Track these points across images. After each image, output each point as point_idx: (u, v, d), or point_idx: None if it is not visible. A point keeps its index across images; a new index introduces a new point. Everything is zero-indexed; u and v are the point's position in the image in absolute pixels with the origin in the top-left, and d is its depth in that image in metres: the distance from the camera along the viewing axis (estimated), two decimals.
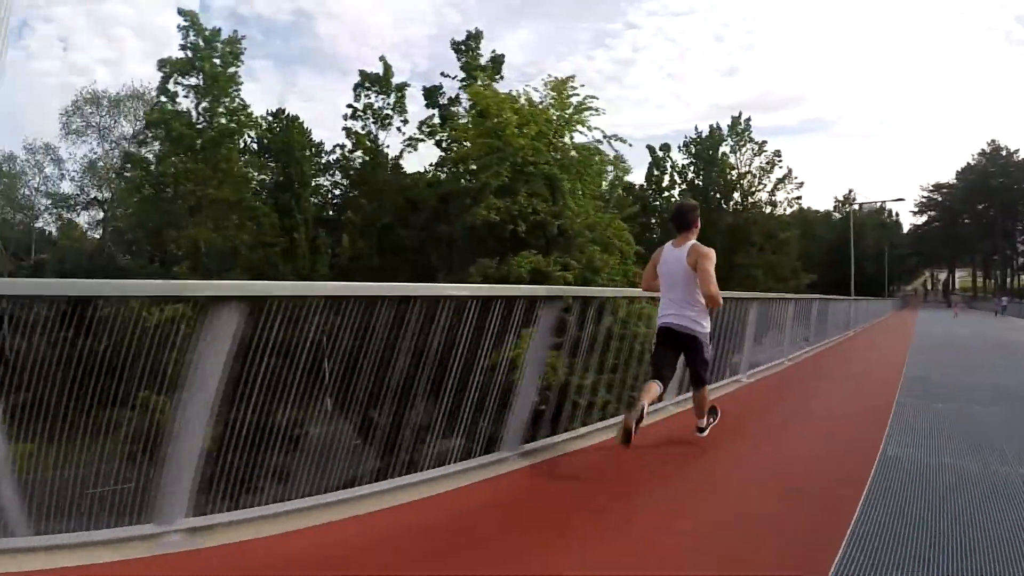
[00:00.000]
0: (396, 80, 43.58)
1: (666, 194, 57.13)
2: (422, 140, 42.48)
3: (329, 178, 45.41)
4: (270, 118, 43.57)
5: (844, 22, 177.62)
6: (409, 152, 43.22)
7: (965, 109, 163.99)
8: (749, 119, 61.24)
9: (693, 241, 5.71)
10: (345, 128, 42.75)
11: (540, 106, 28.90)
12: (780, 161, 61.05)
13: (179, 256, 37.68)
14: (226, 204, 38.96)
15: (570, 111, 29.05)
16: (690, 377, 6.22)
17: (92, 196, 46.98)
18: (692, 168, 59.64)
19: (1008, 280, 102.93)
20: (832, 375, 13.34)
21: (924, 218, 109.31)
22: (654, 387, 5.36)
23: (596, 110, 29.39)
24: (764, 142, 60.92)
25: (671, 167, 58.23)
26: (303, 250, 40.45)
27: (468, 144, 30.00)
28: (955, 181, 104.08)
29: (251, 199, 40.41)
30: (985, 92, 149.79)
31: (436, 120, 41.32)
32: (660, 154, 57.41)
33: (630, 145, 45.19)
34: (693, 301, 5.63)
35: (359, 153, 43.23)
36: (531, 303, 5.68)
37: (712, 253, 5.58)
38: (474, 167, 30.02)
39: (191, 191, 38.88)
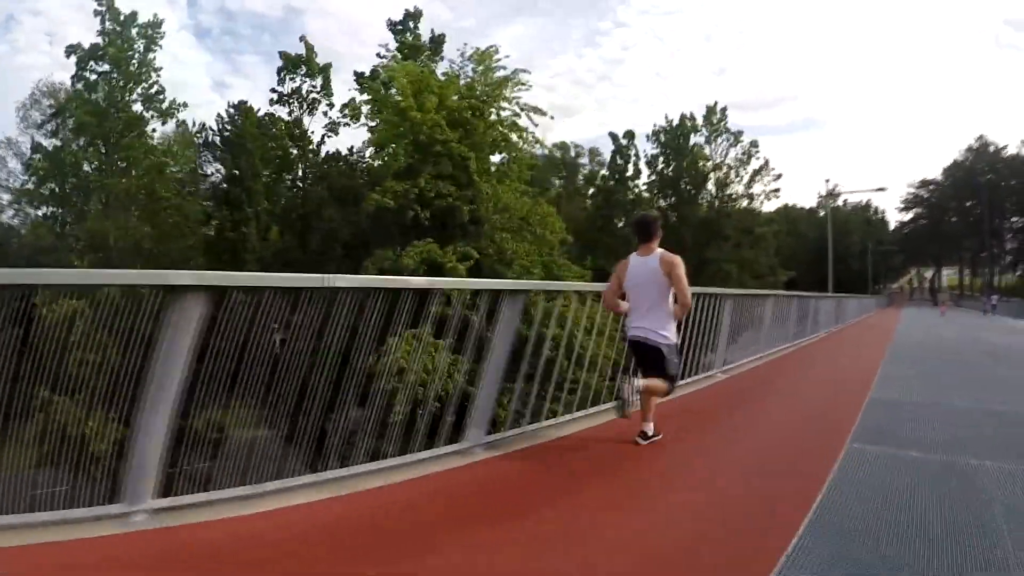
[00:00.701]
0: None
1: (631, 184, 52.38)
2: (346, 124, 37.75)
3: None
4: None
5: (834, 23, 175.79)
6: (330, 137, 39.31)
7: (954, 107, 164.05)
8: (725, 108, 56.82)
9: (660, 249, 5.66)
10: (268, 114, 38.19)
11: (469, 81, 24.48)
12: (757, 152, 56.66)
13: (81, 249, 34.04)
14: (140, 196, 35.97)
15: (493, 85, 24.50)
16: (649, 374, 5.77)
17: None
18: (661, 158, 54.79)
19: (996, 278, 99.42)
20: (770, 394, 10.22)
21: (910, 215, 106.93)
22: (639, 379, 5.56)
23: (523, 84, 24.86)
24: (740, 132, 56.72)
25: (636, 156, 53.27)
26: (253, 244, 36.20)
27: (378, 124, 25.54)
28: (941, 178, 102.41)
29: (167, 190, 36.66)
30: (974, 91, 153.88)
31: (361, 102, 36.72)
32: (624, 142, 52.54)
33: (551, 118, 41.01)
34: (662, 312, 5.62)
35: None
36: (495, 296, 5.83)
37: (681, 260, 5.54)
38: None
39: (99, 182, 36.19)
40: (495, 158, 24.93)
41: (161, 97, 38.40)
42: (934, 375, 12.73)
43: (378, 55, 36.32)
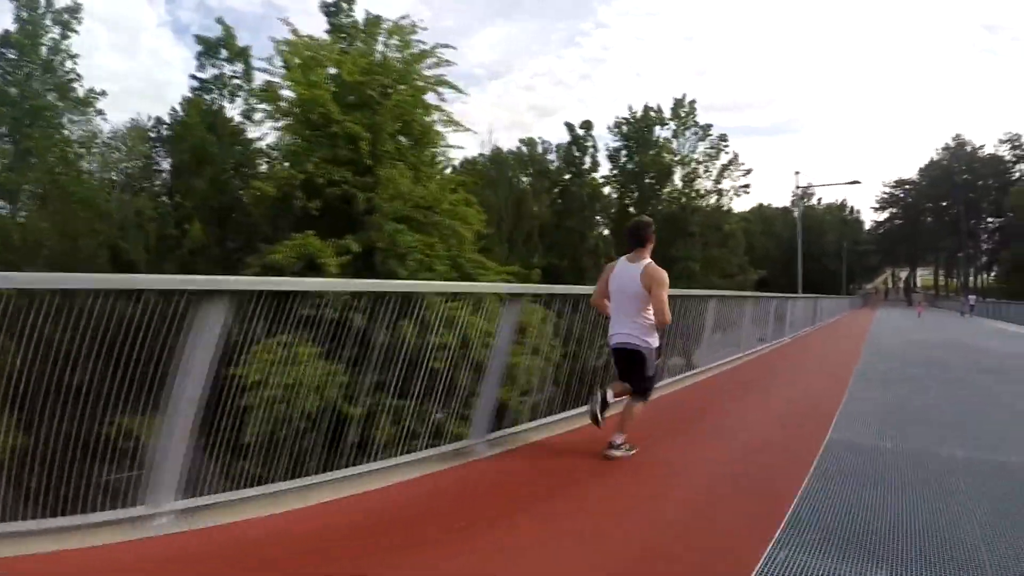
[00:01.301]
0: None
1: (588, 177, 48.33)
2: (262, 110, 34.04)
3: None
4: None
5: (812, 26, 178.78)
6: (246, 125, 35.60)
7: (931, 109, 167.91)
8: (694, 101, 53.51)
9: (648, 260, 5.54)
10: (186, 99, 34.64)
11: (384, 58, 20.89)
12: (726, 146, 53.29)
13: None
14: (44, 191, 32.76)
15: (406, 60, 20.94)
16: (633, 390, 5.69)
17: None
18: (624, 151, 51.41)
19: (972, 278, 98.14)
20: (694, 434, 7.25)
21: (886, 215, 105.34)
22: (617, 384, 5.63)
23: (441, 59, 21.32)
24: (709, 126, 53.32)
25: (594, 148, 49.39)
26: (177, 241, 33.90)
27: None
28: (917, 178, 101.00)
29: (78, 184, 33.52)
30: (951, 92, 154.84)
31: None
32: (581, 133, 48.50)
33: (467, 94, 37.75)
34: (641, 319, 5.50)
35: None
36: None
37: (665, 277, 5.44)
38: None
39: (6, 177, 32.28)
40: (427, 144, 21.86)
41: (75, 86, 35.14)
42: (915, 399, 9.50)
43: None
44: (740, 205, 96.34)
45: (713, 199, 52.58)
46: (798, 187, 35.39)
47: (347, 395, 8.13)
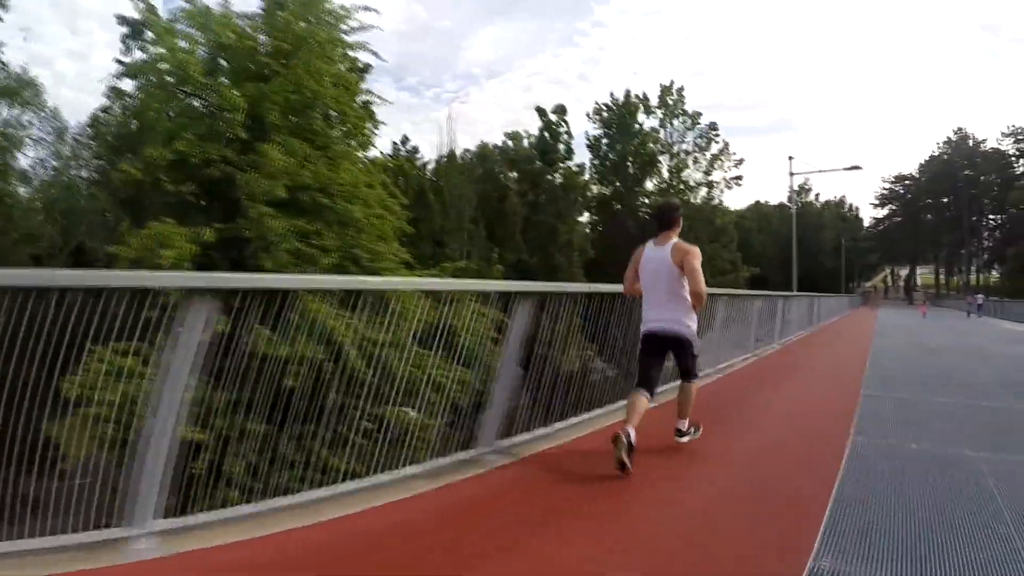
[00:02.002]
0: None
1: (561, 166, 42.50)
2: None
3: None
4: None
5: (809, 24, 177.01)
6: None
7: (932, 105, 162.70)
8: (682, 88, 49.84)
9: (675, 239, 5.28)
10: (112, 88, 30.95)
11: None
12: (717, 135, 49.54)
13: None
14: None
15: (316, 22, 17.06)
16: (679, 372, 5.56)
17: None
18: (605, 139, 47.30)
19: (975, 277, 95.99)
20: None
21: (885, 211, 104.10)
22: (641, 401, 5.01)
23: (354, 24, 17.51)
24: (698, 114, 49.56)
25: (568, 134, 43.24)
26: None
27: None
28: (917, 173, 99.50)
29: None
30: (952, 89, 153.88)
31: None
32: (553, 118, 42.31)
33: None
34: (679, 300, 5.22)
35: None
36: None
37: (697, 250, 5.19)
38: None
39: None
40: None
41: None
42: (948, 455, 5.77)
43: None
44: (737, 202, 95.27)
45: (704, 191, 48.93)
46: (792, 174, 31.46)
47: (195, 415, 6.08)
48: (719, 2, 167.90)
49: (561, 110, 40.87)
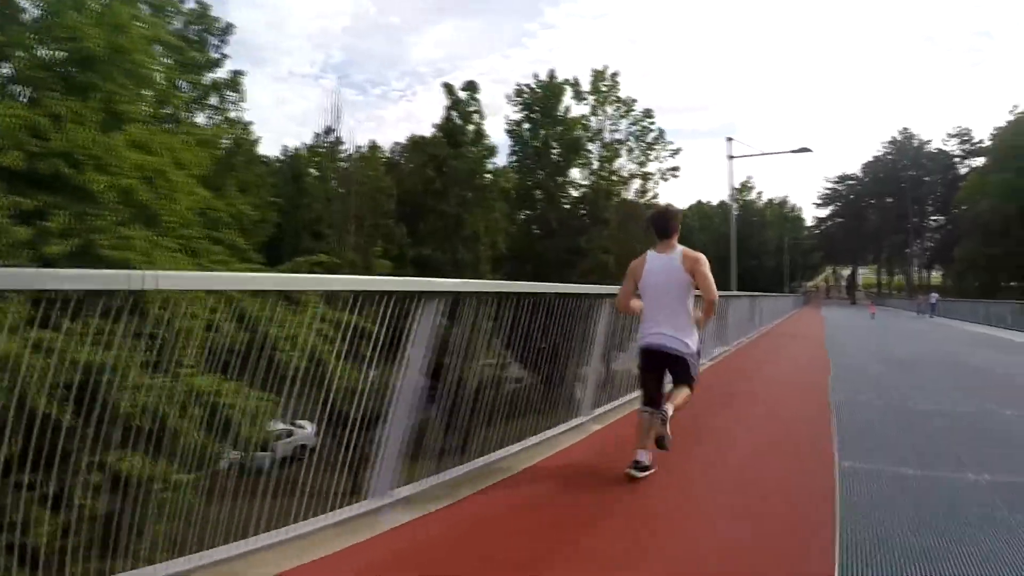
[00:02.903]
0: None
1: (471, 150, 35.98)
2: None
3: None
4: None
5: (751, 27, 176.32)
6: None
7: (880, 109, 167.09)
8: (616, 74, 44.70)
9: (681, 246, 4.85)
10: None
11: None
12: (653, 123, 44.75)
13: None
14: None
15: None
16: (676, 381, 4.86)
17: None
18: (527, 124, 41.35)
19: (917, 277, 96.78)
20: None
21: (828, 211, 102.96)
22: (650, 422, 4.61)
23: None
24: (633, 100, 44.64)
25: (479, 115, 36.82)
26: None
27: None
28: (861, 174, 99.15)
29: None
30: (897, 90, 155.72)
31: None
32: (463, 96, 36.05)
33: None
34: (684, 315, 4.79)
35: None
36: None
37: (705, 258, 4.76)
38: None
39: None
40: None
41: None
42: None
43: None
44: (679, 201, 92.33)
45: (638, 183, 44.04)
46: (732, 157, 26.77)
47: None
48: (665, 6, 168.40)
49: (471, 87, 35.28)
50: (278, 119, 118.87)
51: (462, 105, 34.58)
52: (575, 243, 34.11)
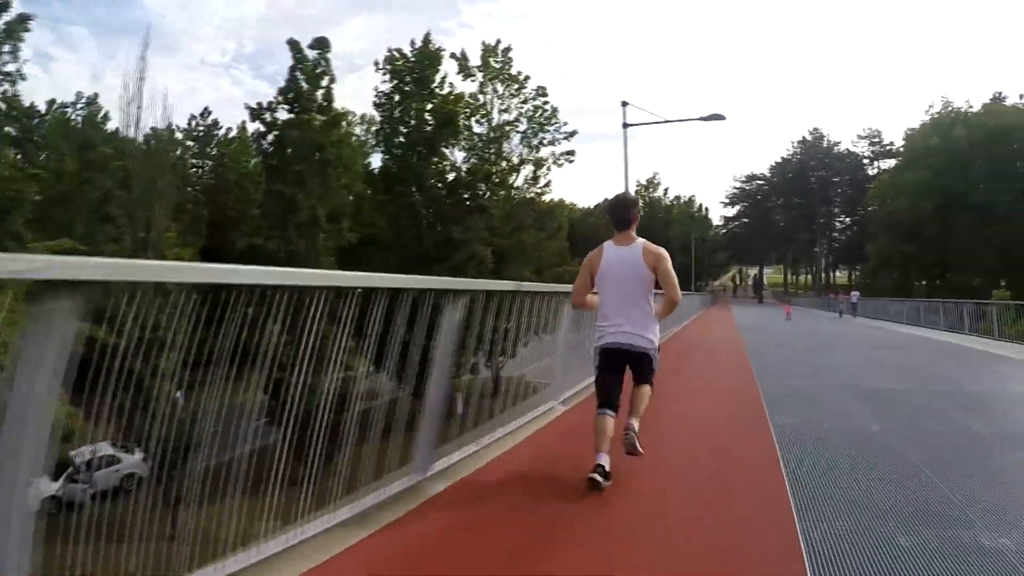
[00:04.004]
0: None
1: (320, 118, 28.30)
2: None
3: None
4: None
5: (667, 29, 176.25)
6: None
7: (792, 112, 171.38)
8: (509, 48, 38.88)
9: (642, 239, 4.54)
10: None
11: None
12: (546, 104, 39.12)
13: None
14: None
15: None
16: (634, 378, 4.62)
17: None
18: (397, 95, 33.30)
19: (825, 276, 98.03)
20: None
21: (735, 210, 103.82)
22: (608, 423, 4.29)
23: None
24: (526, 77, 38.93)
25: (330, 78, 29.31)
26: None
27: None
28: (769, 173, 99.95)
29: None
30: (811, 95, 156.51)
31: None
32: (311, 54, 28.58)
33: None
34: (646, 311, 4.48)
35: None
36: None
37: (668, 254, 4.53)
38: None
39: None
40: None
41: None
42: None
43: None
44: (586, 200, 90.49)
45: (530, 169, 38.12)
46: (627, 126, 21.18)
47: None
48: (577, 11, 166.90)
49: (322, 44, 28.03)
50: (188, 109, 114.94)
51: (308, 66, 27.60)
52: (448, 233, 27.99)
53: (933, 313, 26.02)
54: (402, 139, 31.42)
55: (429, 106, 31.88)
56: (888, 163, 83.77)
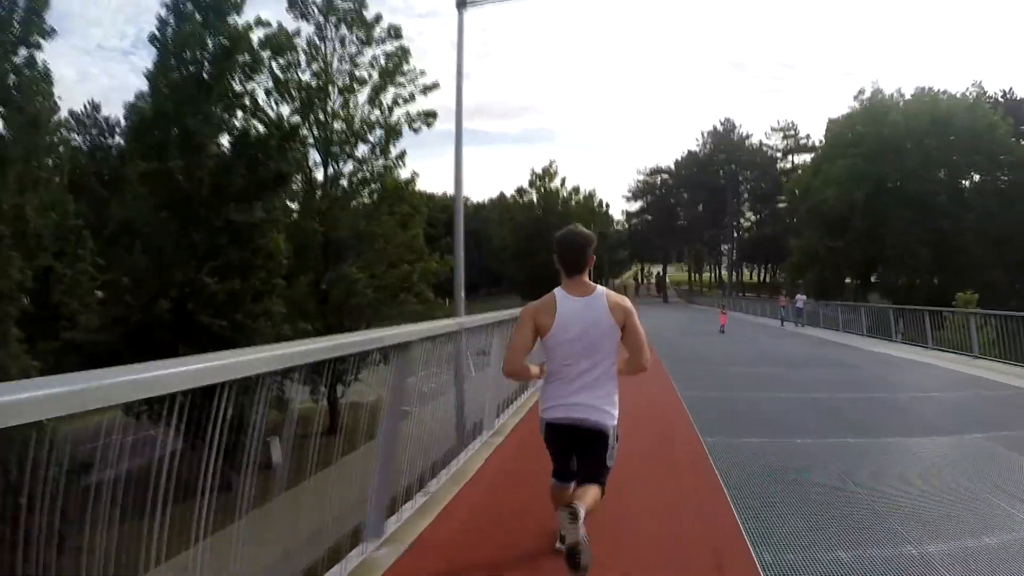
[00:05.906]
0: None
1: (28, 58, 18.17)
2: None
3: None
4: None
5: (573, 35, 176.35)
6: None
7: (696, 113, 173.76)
8: None
9: (602, 287, 3.47)
10: None
11: None
12: (402, 47, 30.10)
13: None
14: None
15: None
16: (582, 474, 3.44)
17: None
18: (170, 28, 22.31)
19: (731, 273, 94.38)
20: None
21: (639, 205, 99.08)
22: (567, 493, 3.43)
23: None
24: (377, 17, 29.77)
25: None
26: None
27: None
28: (675, 168, 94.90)
29: None
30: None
31: None
32: None
33: None
34: (608, 380, 3.39)
35: None
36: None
37: (631, 304, 3.49)
38: None
39: None
40: None
41: None
42: None
43: None
44: (480, 195, 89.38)
45: (379, 133, 28.75)
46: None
47: None
48: (486, 13, 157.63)
49: None
50: (80, 95, 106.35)
51: None
52: (222, 214, 18.14)
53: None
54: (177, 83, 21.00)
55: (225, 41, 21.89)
56: (803, 158, 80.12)
